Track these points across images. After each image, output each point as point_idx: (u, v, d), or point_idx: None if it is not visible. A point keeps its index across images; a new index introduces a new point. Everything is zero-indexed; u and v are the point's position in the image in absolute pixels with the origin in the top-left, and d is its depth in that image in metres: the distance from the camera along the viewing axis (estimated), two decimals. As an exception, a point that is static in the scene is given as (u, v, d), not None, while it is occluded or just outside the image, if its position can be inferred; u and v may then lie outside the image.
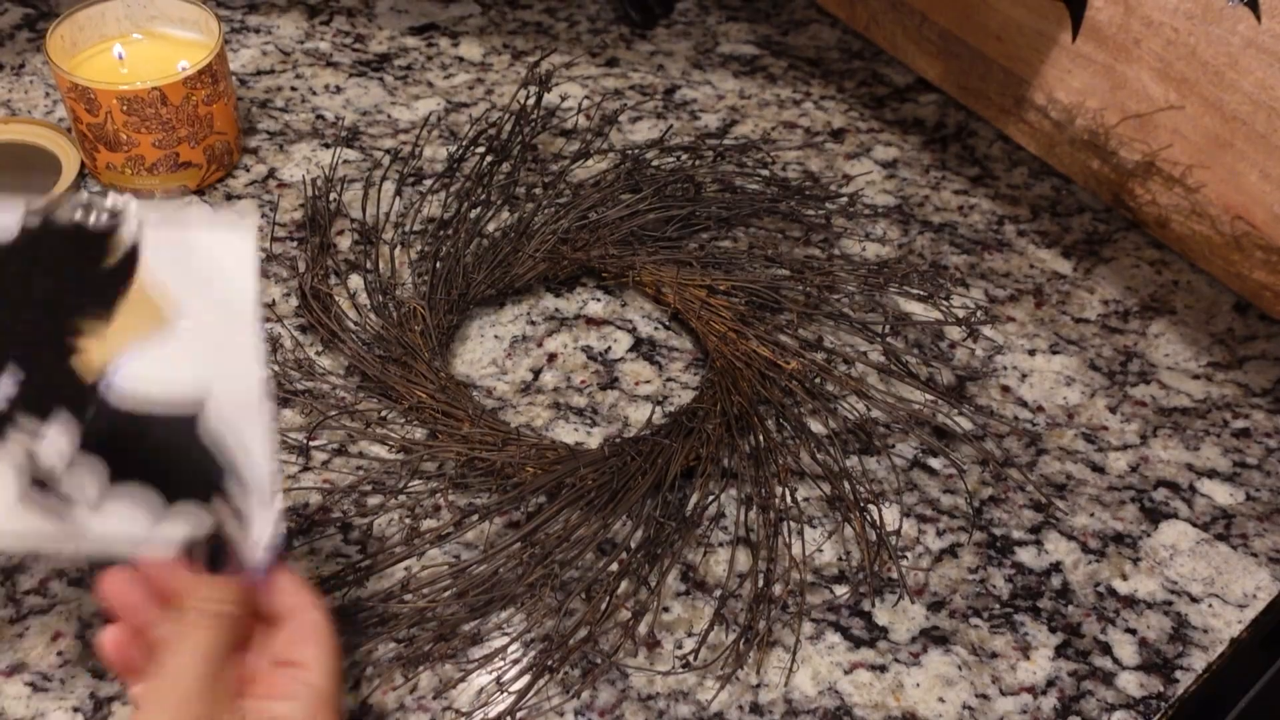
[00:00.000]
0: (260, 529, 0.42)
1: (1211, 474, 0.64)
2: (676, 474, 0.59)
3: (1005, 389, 0.68)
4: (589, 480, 0.58)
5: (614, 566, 0.56)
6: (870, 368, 0.67)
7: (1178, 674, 0.55)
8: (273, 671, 0.43)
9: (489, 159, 0.75)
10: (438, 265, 0.68)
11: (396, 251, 0.70)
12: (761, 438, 0.61)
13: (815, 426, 0.64)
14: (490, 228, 0.73)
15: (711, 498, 0.60)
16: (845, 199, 0.78)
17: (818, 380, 0.65)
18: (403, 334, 0.64)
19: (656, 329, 0.69)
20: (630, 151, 0.77)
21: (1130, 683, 0.55)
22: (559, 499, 0.58)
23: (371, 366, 0.63)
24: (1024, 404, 0.67)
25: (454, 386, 0.62)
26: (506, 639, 0.54)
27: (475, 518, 0.58)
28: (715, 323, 0.67)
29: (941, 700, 0.54)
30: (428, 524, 0.58)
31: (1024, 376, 0.68)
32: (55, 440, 0.40)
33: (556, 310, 0.70)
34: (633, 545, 0.57)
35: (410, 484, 0.59)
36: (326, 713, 0.42)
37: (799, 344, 0.67)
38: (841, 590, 0.57)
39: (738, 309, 0.67)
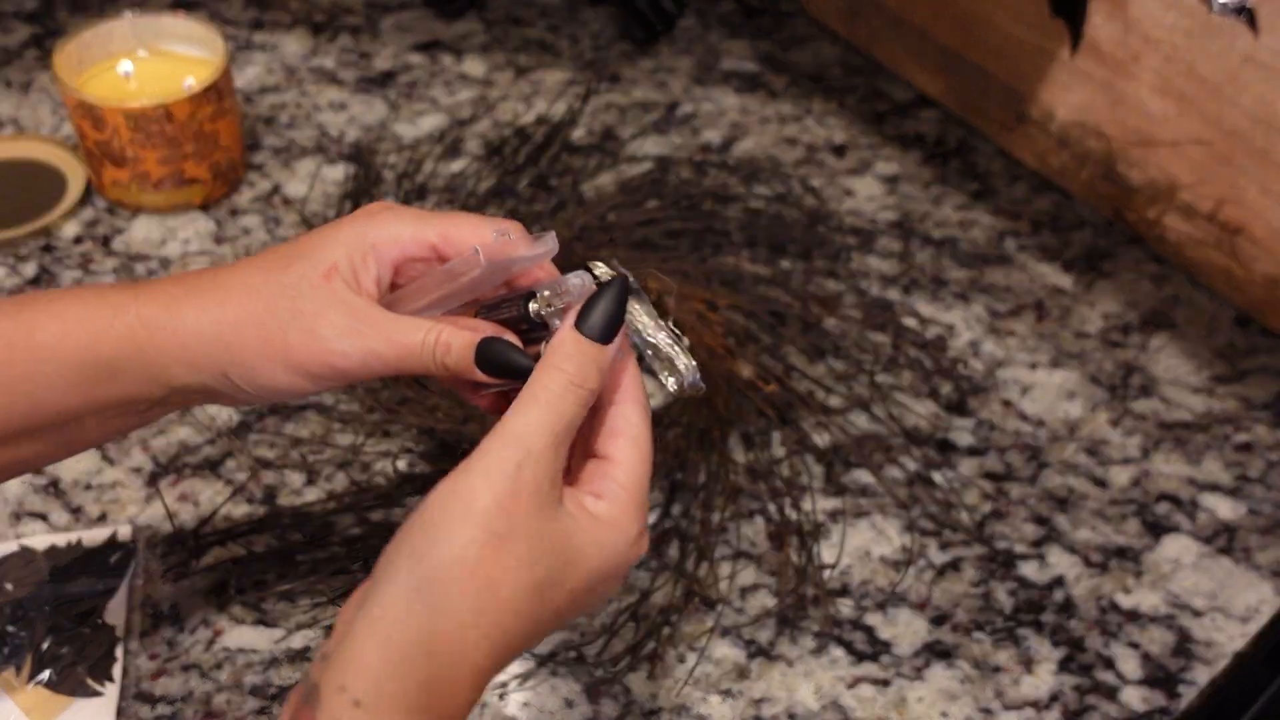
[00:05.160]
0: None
1: (1214, 488, 0.64)
2: None
3: (1007, 403, 0.68)
4: None
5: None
6: (853, 402, 0.67)
7: (1181, 688, 0.55)
8: (585, 463, 0.41)
9: (525, 150, 0.77)
10: None
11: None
12: (717, 455, 0.61)
13: (779, 451, 0.64)
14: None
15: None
16: (857, 235, 0.78)
17: (790, 406, 0.65)
18: None
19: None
20: (663, 160, 0.78)
21: (1134, 697, 0.55)
22: None
23: None
24: (1025, 418, 0.67)
25: None
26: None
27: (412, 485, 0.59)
28: (708, 337, 0.67)
29: (944, 715, 0.54)
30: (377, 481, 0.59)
31: (1025, 390, 0.69)
32: None
33: (559, 325, 0.70)
34: None
35: (365, 444, 0.61)
36: (634, 513, 0.40)
37: (783, 368, 0.67)
38: (844, 603, 0.58)
39: (735, 327, 0.68)
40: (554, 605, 0.38)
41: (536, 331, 0.43)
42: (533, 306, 0.42)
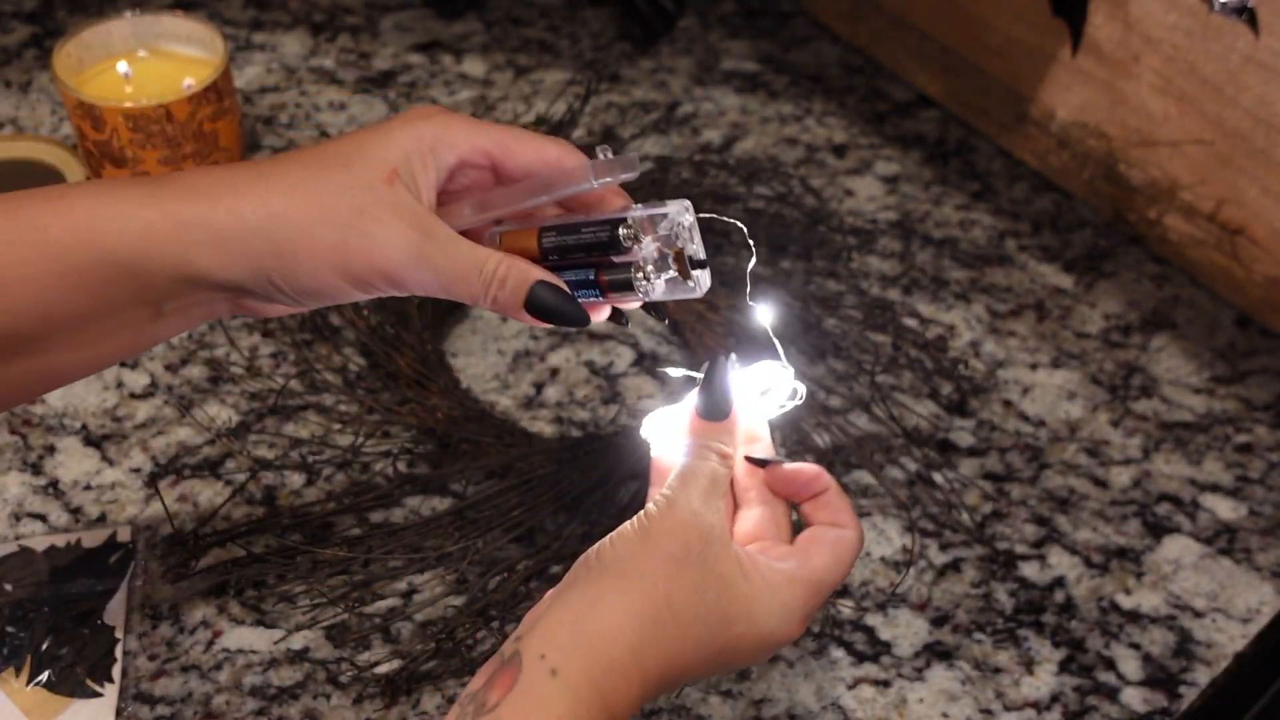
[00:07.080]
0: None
1: (1214, 488, 0.64)
2: (624, 475, 0.59)
3: (1007, 403, 0.68)
4: (539, 468, 0.58)
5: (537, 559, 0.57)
6: (853, 402, 0.67)
7: (1182, 689, 0.55)
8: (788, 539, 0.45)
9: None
10: None
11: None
12: None
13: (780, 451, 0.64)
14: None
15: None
16: (858, 235, 0.78)
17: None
18: (399, 302, 0.66)
19: (659, 344, 0.70)
20: (663, 160, 0.78)
21: (1134, 698, 0.55)
22: (504, 480, 0.59)
23: (360, 329, 0.65)
24: (1026, 418, 0.67)
25: (435, 359, 0.63)
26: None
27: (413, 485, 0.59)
28: (708, 337, 0.67)
29: (945, 716, 0.54)
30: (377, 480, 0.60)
31: (1026, 391, 0.69)
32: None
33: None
34: (565, 536, 0.58)
35: (365, 444, 0.61)
36: (802, 594, 0.42)
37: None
38: (845, 604, 0.57)
39: (735, 327, 0.68)
40: (718, 640, 0.41)
41: (609, 254, 0.43)
42: (623, 232, 0.42)
